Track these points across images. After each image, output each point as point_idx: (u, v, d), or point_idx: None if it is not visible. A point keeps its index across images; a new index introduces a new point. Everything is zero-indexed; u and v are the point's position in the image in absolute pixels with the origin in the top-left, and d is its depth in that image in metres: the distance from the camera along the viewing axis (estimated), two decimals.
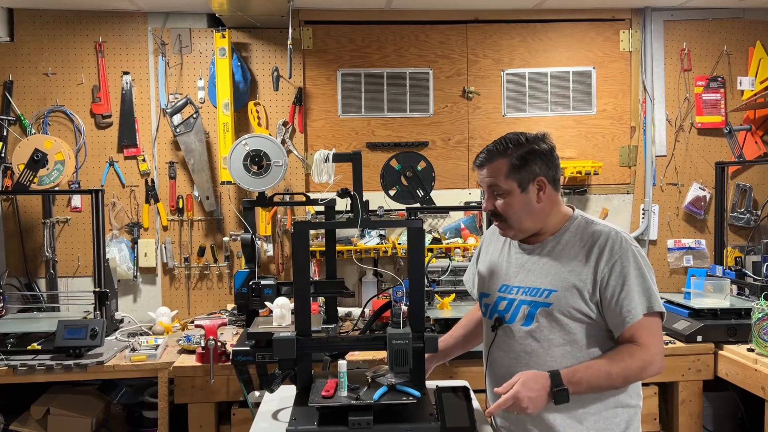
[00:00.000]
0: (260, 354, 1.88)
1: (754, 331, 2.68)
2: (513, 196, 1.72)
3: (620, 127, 3.76)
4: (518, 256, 1.81)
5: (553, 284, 1.70)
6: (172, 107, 3.49)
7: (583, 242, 1.72)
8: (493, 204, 1.75)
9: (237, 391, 2.69)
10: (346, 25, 3.63)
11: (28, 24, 3.47)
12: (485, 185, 1.76)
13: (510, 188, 1.72)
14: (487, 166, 1.74)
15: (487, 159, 1.74)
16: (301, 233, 1.79)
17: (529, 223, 1.75)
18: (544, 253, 1.76)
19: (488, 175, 1.74)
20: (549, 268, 1.73)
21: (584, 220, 1.77)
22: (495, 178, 1.72)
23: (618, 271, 1.65)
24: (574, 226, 1.76)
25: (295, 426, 1.62)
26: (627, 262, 1.66)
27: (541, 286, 1.72)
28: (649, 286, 1.66)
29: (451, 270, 3.17)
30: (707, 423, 3.14)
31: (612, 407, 1.70)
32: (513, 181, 1.71)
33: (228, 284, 3.60)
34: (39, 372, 2.69)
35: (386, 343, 1.73)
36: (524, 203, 1.72)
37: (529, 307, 1.72)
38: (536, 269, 1.75)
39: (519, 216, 1.73)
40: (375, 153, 3.65)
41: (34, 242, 3.52)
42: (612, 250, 1.67)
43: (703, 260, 3.73)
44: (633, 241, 1.70)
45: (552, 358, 1.69)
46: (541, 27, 3.70)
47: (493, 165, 1.73)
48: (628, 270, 1.65)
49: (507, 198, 1.72)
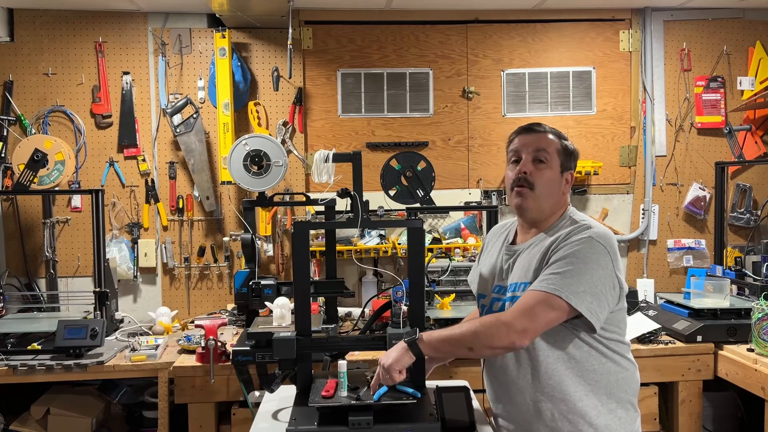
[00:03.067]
0: (260, 354, 1.89)
1: (754, 331, 2.68)
2: (552, 170, 1.76)
3: (620, 127, 3.76)
4: (507, 258, 1.83)
5: (526, 277, 1.71)
6: (172, 107, 3.49)
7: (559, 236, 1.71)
8: (531, 169, 1.76)
9: (237, 391, 2.69)
10: (346, 25, 3.63)
11: (28, 24, 3.47)
12: (533, 148, 1.77)
13: (553, 162, 1.76)
14: (542, 134, 1.79)
15: (546, 131, 1.80)
16: (301, 233, 1.80)
17: (548, 204, 1.78)
18: (526, 250, 1.77)
19: (542, 141, 1.77)
20: (526, 263, 1.74)
21: (574, 218, 1.77)
22: (548, 146, 1.77)
23: (560, 248, 1.64)
24: (561, 225, 1.76)
25: (295, 426, 1.62)
26: (572, 246, 1.63)
27: (519, 281, 1.73)
28: (575, 274, 1.59)
29: (451, 270, 3.17)
30: (707, 423, 3.14)
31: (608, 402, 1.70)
32: (559, 159, 1.77)
33: (228, 284, 3.60)
34: (39, 372, 2.69)
35: (386, 343, 1.73)
36: (555, 182, 1.77)
37: (512, 303, 1.72)
38: (517, 266, 1.77)
39: (547, 190, 1.76)
40: (375, 153, 3.65)
41: (34, 242, 3.52)
42: (569, 234, 1.67)
43: (703, 260, 3.73)
44: (601, 239, 1.65)
45: (543, 353, 1.69)
46: (541, 27, 3.70)
47: (548, 137, 1.78)
48: (567, 251, 1.63)
49: (547, 170, 1.76)
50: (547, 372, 1.68)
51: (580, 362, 1.68)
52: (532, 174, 1.75)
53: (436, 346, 1.67)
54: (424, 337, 1.66)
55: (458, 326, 1.68)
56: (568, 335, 1.68)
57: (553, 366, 1.68)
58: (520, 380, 1.72)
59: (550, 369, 1.68)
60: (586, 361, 1.68)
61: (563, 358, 1.68)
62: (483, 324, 1.63)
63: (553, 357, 1.69)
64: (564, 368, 1.68)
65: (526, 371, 1.71)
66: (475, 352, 1.65)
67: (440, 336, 1.67)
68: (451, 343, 1.66)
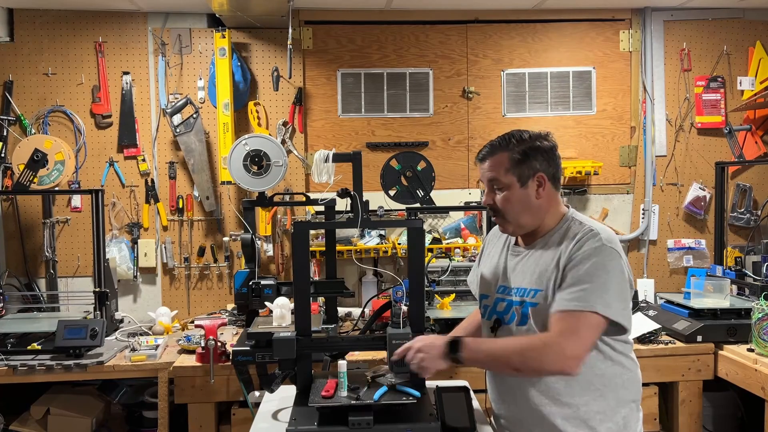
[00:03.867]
0: (260, 354, 1.89)
1: (754, 331, 2.68)
2: (512, 190, 1.73)
3: (620, 127, 3.76)
4: (512, 258, 1.82)
5: (538, 284, 1.70)
6: (172, 107, 3.49)
7: (561, 240, 1.71)
8: (492, 198, 1.76)
9: (237, 391, 2.69)
10: (346, 25, 3.63)
11: (28, 24, 3.47)
12: (486, 179, 1.77)
13: (510, 182, 1.73)
14: (488, 160, 1.76)
15: (489, 153, 1.76)
16: (301, 233, 1.80)
17: (527, 219, 1.75)
18: (532, 254, 1.76)
19: (489, 168, 1.75)
20: (534, 267, 1.73)
21: (575, 220, 1.76)
22: (496, 171, 1.74)
23: (576, 260, 1.64)
24: (564, 227, 1.75)
25: (295, 426, 1.62)
26: (589, 257, 1.63)
27: (528, 286, 1.73)
28: (601, 286, 1.60)
29: (451, 270, 3.17)
30: (707, 423, 3.14)
31: (614, 406, 1.70)
32: (513, 176, 1.72)
33: (228, 284, 3.60)
34: (39, 372, 2.69)
35: (386, 343, 1.73)
36: (523, 198, 1.73)
37: (521, 308, 1.73)
38: (525, 270, 1.76)
39: (517, 211, 1.74)
40: (375, 153, 3.65)
41: (34, 242, 3.52)
42: (579, 244, 1.66)
43: (703, 260, 3.73)
44: (612, 244, 1.65)
45: None
46: (541, 27, 3.70)
47: (494, 159, 1.75)
48: (585, 263, 1.62)
49: (506, 192, 1.73)
50: (554, 377, 1.68)
51: (588, 367, 1.68)
52: (497, 202, 1.75)
53: (478, 358, 1.67)
54: (469, 345, 1.65)
55: (499, 342, 1.69)
56: None
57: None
58: (526, 383, 1.72)
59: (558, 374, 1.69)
60: (594, 366, 1.68)
61: None
62: (531, 346, 1.62)
63: None
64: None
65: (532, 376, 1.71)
66: (521, 373, 1.66)
67: (485, 350, 1.67)
68: (496, 360, 1.67)
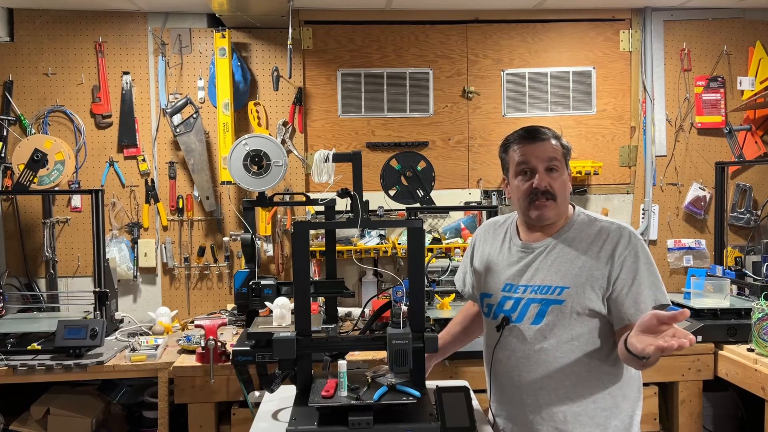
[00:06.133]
0: (260, 354, 1.88)
1: (754, 331, 2.68)
2: (564, 176, 1.77)
3: (620, 127, 3.76)
4: (522, 255, 1.81)
5: (565, 281, 1.71)
6: (172, 107, 3.49)
7: (590, 238, 1.73)
8: (548, 181, 1.74)
9: (237, 391, 2.69)
10: (346, 25, 3.63)
11: (28, 24, 3.47)
12: (542, 159, 1.74)
13: (563, 168, 1.76)
14: (547, 142, 1.75)
15: (549, 136, 1.77)
16: (301, 233, 1.79)
17: (565, 206, 1.79)
18: (552, 251, 1.76)
19: (549, 149, 1.75)
20: (559, 265, 1.73)
21: (587, 216, 1.79)
22: (556, 153, 1.75)
23: (629, 264, 1.68)
24: (577, 223, 1.77)
25: (295, 426, 1.62)
26: (637, 257, 1.68)
27: (552, 284, 1.72)
28: (656, 279, 1.69)
29: (451, 270, 3.17)
30: (707, 423, 3.14)
31: (620, 403, 1.71)
32: (564, 164, 1.77)
33: (228, 284, 3.60)
34: (39, 372, 2.69)
35: (386, 343, 1.73)
36: (568, 186, 1.79)
37: (540, 305, 1.72)
38: (544, 267, 1.75)
39: (564, 196, 1.77)
40: (375, 153, 3.65)
41: (34, 242, 3.52)
42: (624, 245, 1.69)
43: (703, 260, 3.73)
44: (639, 235, 1.73)
45: (561, 353, 1.70)
46: (541, 27, 3.70)
47: (553, 143, 1.76)
48: (638, 264, 1.68)
49: (560, 177, 1.75)
50: (565, 374, 1.69)
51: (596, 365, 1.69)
52: (551, 186, 1.74)
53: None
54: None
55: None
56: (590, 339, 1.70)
57: (571, 369, 1.70)
58: (532, 383, 1.73)
59: (568, 371, 1.70)
60: (602, 363, 1.70)
61: (583, 362, 1.69)
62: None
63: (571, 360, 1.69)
64: (583, 370, 1.70)
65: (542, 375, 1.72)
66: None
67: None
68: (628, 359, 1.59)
